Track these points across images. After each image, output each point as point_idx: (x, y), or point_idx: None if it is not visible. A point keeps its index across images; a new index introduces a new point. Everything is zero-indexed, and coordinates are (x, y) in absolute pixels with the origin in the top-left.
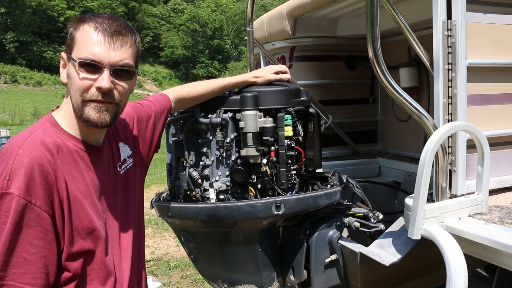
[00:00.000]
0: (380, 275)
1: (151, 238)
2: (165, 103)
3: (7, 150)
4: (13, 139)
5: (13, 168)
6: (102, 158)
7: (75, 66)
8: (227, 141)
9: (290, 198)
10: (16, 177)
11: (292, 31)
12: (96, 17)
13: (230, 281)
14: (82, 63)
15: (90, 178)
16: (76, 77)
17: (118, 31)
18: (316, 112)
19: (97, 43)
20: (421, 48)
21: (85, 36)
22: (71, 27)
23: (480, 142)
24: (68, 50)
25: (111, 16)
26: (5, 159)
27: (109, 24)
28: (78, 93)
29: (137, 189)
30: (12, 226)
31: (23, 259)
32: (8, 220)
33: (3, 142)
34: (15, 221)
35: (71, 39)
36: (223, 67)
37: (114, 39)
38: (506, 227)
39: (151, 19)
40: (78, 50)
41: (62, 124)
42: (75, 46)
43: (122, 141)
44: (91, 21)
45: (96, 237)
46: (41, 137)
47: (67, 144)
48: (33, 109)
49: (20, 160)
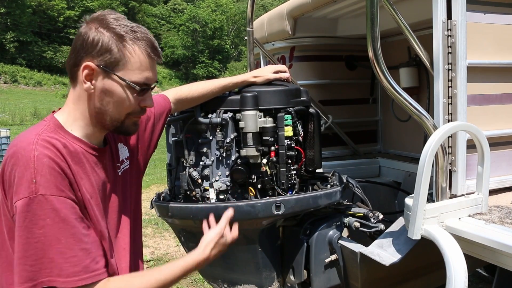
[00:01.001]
0: (380, 275)
1: (151, 238)
2: (165, 105)
3: (21, 155)
4: (21, 142)
5: (36, 170)
6: (104, 159)
7: (122, 86)
8: (227, 141)
9: (290, 198)
10: (43, 178)
11: (292, 31)
12: (139, 39)
13: (230, 281)
14: (142, 89)
15: (95, 179)
16: (127, 98)
17: (159, 54)
18: (316, 112)
19: (150, 68)
20: (421, 48)
21: (141, 60)
22: (111, 42)
23: (480, 142)
24: (107, 65)
25: (149, 35)
26: (23, 164)
27: (155, 47)
28: (125, 112)
29: (133, 190)
30: (56, 225)
31: (85, 250)
32: (47, 222)
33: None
34: (57, 219)
35: (114, 55)
36: (223, 67)
37: (156, 61)
38: (506, 227)
39: (151, 19)
40: (128, 72)
41: (66, 126)
42: (122, 66)
43: (121, 142)
44: (140, 44)
45: (102, 237)
46: (48, 138)
47: (72, 145)
48: (33, 109)
49: (40, 161)
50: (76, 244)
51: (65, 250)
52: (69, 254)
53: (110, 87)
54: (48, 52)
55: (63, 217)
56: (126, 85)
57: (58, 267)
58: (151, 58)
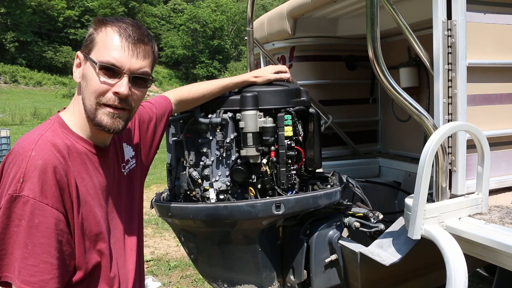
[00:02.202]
0: (380, 275)
1: (151, 238)
2: (166, 106)
3: (18, 153)
4: (23, 141)
5: (27, 170)
6: (108, 159)
7: (94, 68)
8: (227, 141)
9: (290, 198)
10: (30, 179)
11: (292, 31)
12: (119, 21)
13: (230, 281)
14: (103, 66)
15: (98, 180)
16: (94, 79)
17: (141, 39)
18: (316, 112)
19: (120, 48)
20: (421, 48)
21: (108, 39)
22: (91, 28)
23: (480, 142)
24: (86, 51)
25: (135, 23)
26: (17, 162)
27: (133, 31)
28: (93, 96)
29: (138, 190)
30: (28, 230)
31: (50, 264)
32: (22, 223)
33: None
34: (31, 224)
35: (91, 40)
36: (223, 67)
37: (136, 47)
38: (506, 227)
39: (151, 19)
40: (98, 53)
41: (70, 125)
42: (95, 48)
43: (126, 142)
44: (114, 25)
45: (103, 239)
46: (51, 138)
47: (76, 145)
48: (33, 109)
49: (33, 162)
50: (41, 255)
51: (28, 257)
52: (31, 262)
53: (86, 70)
54: (48, 52)
55: (37, 224)
56: (93, 64)
57: (18, 269)
58: (123, 39)
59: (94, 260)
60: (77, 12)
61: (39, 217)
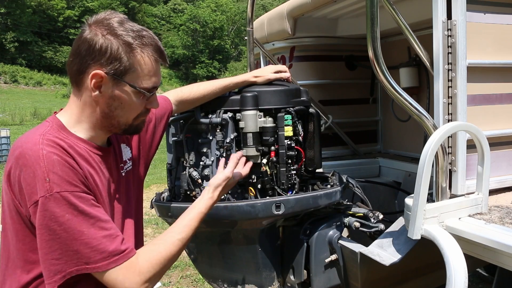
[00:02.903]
0: (380, 275)
1: (151, 238)
2: (166, 106)
3: (28, 155)
4: (27, 143)
5: (48, 168)
6: (109, 159)
7: (132, 93)
8: (227, 141)
9: (290, 198)
10: (55, 175)
11: (292, 31)
12: (147, 44)
13: (230, 281)
14: (148, 93)
15: (99, 179)
16: (135, 103)
17: (165, 58)
18: (316, 112)
19: (157, 72)
20: (421, 48)
21: (146, 67)
22: (120, 49)
23: (480, 142)
24: (115, 73)
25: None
26: (32, 164)
27: (162, 51)
28: (133, 116)
29: (135, 191)
30: (76, 219)
31: (109, 234)
32: (67, 216)
33: (3, 142)
34: (76, 213)
35: (125, 66)
36: (223, 67)
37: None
38: (506, 227)
39: (151, 19)
40: (139, 79)
41: (69, 127)
42: (132, 72)
43: (124, 143)
44: (147, 50)
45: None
46: (53, 138)
47: (77, 145)
48: (33, 109)
49: (50, 159)
50: (98, 233)
51: (89, 241)
52: (94, 243)
53: (120, 94)
54: (48, 52)
55: (81, 210)
56: (135, 91)
57: (85, 256)
58: (158, 63)
59: None
60: (77, 12)
61: (79, 204)
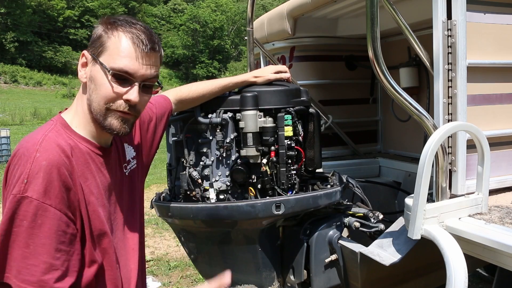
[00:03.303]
0: (380, 275)
1: (151, 238)
2: (166, 105)
3: (23, 154)
4: (27, 143)
5: (31, 171)
6: (110, 159)
7: (105, 74)
8: (227, 141)
9: (290, 198)
10: (34, 180)
11: (292, 31)
12: (131, 26)
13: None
14: (116, 74)
15: (100, 180)
16: (105, 85)
17: (153, 48)
18: (316, 112)
19: (134, 56)
20: (421, 48)
21: (121, 46)
22: (100, 28)
23: (480, 142)
24: (94, 52)
25: (146, 29)
26: (22, 163)
27: (146, 39)
28: (103, 101)
29: (139, 190)
30: (30, 230)
31: (50, 265)
32: (24, 223)
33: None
34: (33, 225)
35: (101, 43)
36: (223, 67)
37: (148, 56)
38: (506, 227)
39: (151, 19)
40: (110, 58)
41: (73, 125)
42: (106, 52)
43: (127, 142)
44: (127, 31)
45: (107, 239)
46: (55, 139)
47: (79, 146)
48: (33, 109)
49: (38, 163)
50: (42, 255)
51: (28, 256)
52: (31, 262)
53: (94, 73)
54: (48, 52)
55: (40, 224)
56: (104, 70)
57: (17, 269)
58: (137, 47)
59: (99, 259)
60: (77, 12)
61: (42, 218)
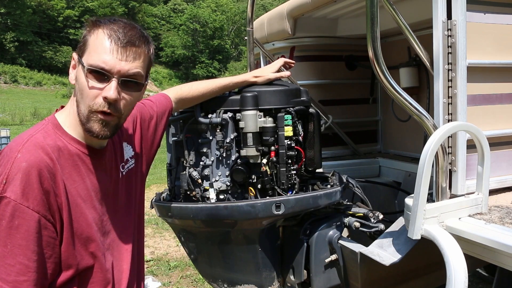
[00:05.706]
0: (380, 275)
1: (151, 238)
2: (166, 104)
3: (6, 154)
4: (13, 142)
5: (11, 172)
6: (104, 160)
7: (84, 71)
8: (227, 141)
9: (290, 198)
10: (13, 181)
11: (292, 31)
12: (112, 23)
13: (230, 281)
14: (91, 70)
15: (91, 181)
16: (84, 84)
17: (132, 41)
18: (316, 112)
19: (109, 51)
20: (421, 48)
21: (98, 42)
22: (85, 30)
23: (480, 142)
24: (79, 53)
25: (128, 24)
26: (3, 163)
27: (124, 33)
28: (86, 102)
29: (138, 190)
30: (8, 230)
31: (25, 266)
32: (2, 223)
33: (3, 142)
34: (11, 225)
35: (84, 42)
36: (223, 67)
37: (126, 50)
38: (506, 227)
39: (151, 19)
40: (89, 56)
41: (65, 126)
42: (86, 51)
43: (126, 141)
44: (106, 27)
45: (94, 241)
46: (41, 140)
47: (68, 147)
48: (33, 109)
49: (18, 164)
50: (18, 256)
51: (6, 255)
52: (8, 261)
53: (78, 74)
54: (48, 52)
55: (17, 225)
56: (82, 67)
57: None
58: (112, 41)
59: (85, 261)
60: (77, 12)
61: (19, 219)
